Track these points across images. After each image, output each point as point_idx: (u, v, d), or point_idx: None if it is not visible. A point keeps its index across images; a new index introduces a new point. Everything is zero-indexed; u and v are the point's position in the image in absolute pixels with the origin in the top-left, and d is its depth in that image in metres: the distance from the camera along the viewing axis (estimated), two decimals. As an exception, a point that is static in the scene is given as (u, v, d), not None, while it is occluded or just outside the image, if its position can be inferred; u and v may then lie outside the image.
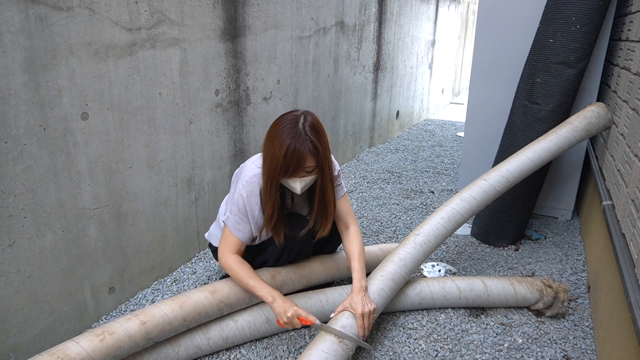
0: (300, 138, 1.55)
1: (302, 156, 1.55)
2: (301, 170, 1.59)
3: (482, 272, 2.32)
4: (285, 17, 2.82)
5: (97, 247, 1.82)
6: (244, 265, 1.69)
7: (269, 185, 1.62)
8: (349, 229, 1.85)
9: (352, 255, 1.79)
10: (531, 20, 2.69)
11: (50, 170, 1.59)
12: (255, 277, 1.67)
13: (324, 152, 1.61)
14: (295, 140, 1.54)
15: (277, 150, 1.55)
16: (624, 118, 2.00)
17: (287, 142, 1.54)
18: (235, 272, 1.68)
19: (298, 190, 1.64)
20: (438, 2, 6.03)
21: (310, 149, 1.56)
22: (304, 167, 1.58)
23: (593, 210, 2.47)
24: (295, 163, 1.56)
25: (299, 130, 1.56)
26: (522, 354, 1.73)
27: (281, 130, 1.57)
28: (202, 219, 2.38)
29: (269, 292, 1.63)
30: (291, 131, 1.56)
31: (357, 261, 1.76)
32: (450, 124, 6.20)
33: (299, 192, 1.65)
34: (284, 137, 1.55)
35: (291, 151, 1.54)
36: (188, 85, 2.14)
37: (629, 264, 1.48)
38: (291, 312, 1.58)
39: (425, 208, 3.13)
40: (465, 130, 3.17)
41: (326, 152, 1.64)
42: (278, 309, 1.60)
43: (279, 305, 1.60)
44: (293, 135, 1.55)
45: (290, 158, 1.55)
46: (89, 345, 1.39)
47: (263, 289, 1.64)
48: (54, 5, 1.53)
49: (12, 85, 1.44)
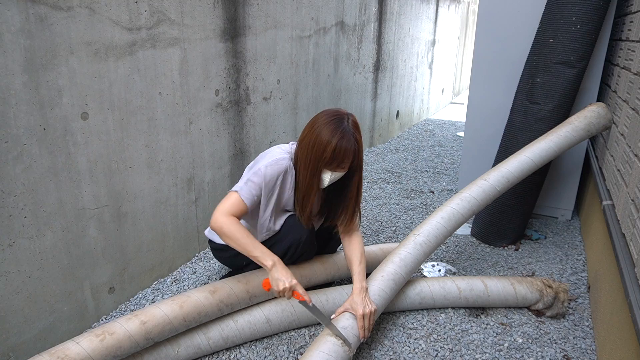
0: (347, 135, 1.63)
1: (348, 152, 1.64)
2: (342, 164, 1.67)
3: (482, 272, 2.32)
4: (285, 17, 2.82)
5: (97, 247, 1.82)
6: (241, 227, 1.60)
7: (312, 173, 1.68)
8: (351, 231, 1.86)
9: (353, 256, 1.79)
10: (531, 20, 2.69)
11: (50, 170, 1.59)
12: (253, 238, 1.61)
13: (361, 152, 1.71)
14: (343, 136, 1.62)
15: (325, 140, 1.62)
16: (624, 118, 2.00)
17: (338, 136, 1.62)
18: (231, 231, 1.58)
19: (325, 183, 1.71)
20: (438, 2, 6.03)
21: (355, 148, 1.66)
22: (346, 162, 1.66)
23: (593, 210, 2.47)
24: (341, 156, 1.63)
25: (346, 127, 1.64)
26: (522, 354, 1.73)
27: (329, 124, 1.64)
28: (202, 218, 2.38)
29: (270, 255, 1.58)
30: (339, 126, 1.63)
31: (358, 262, 1.76)
32: (450, 124, 6.20)
33: (324, 185, 1.71)
34: (334, 130, 1.62)
35: (340, 146, 1.62)
36: (188, 85, 2.14)
37: (629, 264, 1.48)
38: (289, 283, 1.54)
39: (425, 208, 3.13)
40: (465, 130, 3.17)
41: (362, 153, 1.73)
42: (277, 275, 1.55)
43: (279, 272, 1.55)
44: (342, 130, 1.63)
45: (338, 151, 1.62)
46: (89, 345, 1.39)
47: (263, 251, 1.58)
48: (54, 5, 1.52)
49: (12, 85, 1.43)
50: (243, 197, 1.65)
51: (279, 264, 1.58)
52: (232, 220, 1.60)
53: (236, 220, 1.62)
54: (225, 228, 1.58)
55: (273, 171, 1.68)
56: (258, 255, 1.58)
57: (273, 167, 1.68)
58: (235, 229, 1.58)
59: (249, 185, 1.67)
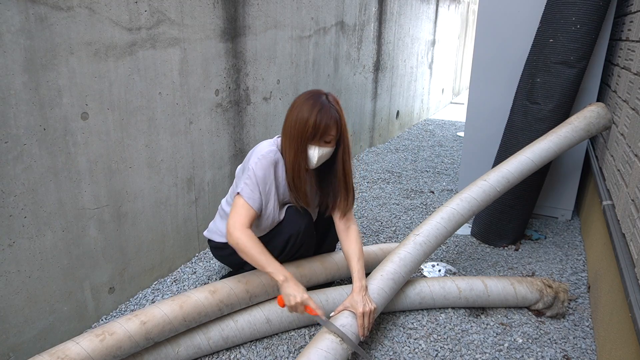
0: (327, 106, 1.68)
1: (329, 123, 1.67)
2: (325, 137, 1.69)
3: (482, 272, 2.32)
4: (285, 17, 2.82)
5: (97, 247, 1.82)
6: (256, 241, 1.65)
7: (298, 151, 1.71)
8: (349, 228, 1.85)
9: (352, 254, 1.79)
10: (531, 20, 2.69)
11: (50, 170, 1.59)
12: (268, 253, 1.64)
13: (344, 124, 1.74)
14: (322, 108, 1.67)
15: (305, 115, 1.67)
16: (624, 118, 2.00)
17: (317, 109, 1.67)
18: (247, 247, 1.62)
19: (314, 160, 1.72)
20: (438, 2, 6.03)
21: (336, 118, 1.70)
22: (328, 134, 1.69)
23: (593, 210, 2.47)
24: (323, 128, 1.67)
25: (324, 101, 1.70)
26: (522, 354, 1.73)
27: (307, 100, 1.70)
28: (202, 218, 2.38)
29: (282, 271, 1.61)
30: (317, 101, 1.69)
31: (357, 261, 1.76)
32: (450, 124, 6.20)
33: (314, 163, 1.72)
34: (312, 105, 1.68)
35: (320, 118, 1.66)
36: (188, 85, 2.14)
37: (629, 264, 1.48)
38: (300, 298, 1.57)
39: (425, 208, 3.13)
40: (465, 130, 3.17)
41: (345, 125, 1.76)
42: (288, 290, 1.58)
43: (290, 287, 1.58)
44: (320, 104, 1.68)
45: (319, 123, 1.66)
46: (89, 345, 1.39)
47: (276, 267, 1.62)
48: (54, 5, 1.53)
49: (12, 85, 1.44)
50: (248, 201, 1.70)
51: (290, 279, 1.60)
52: (247, 235, 1.65)
53: (250, 234, 1.66)
54: (241, 244, 1.63)
55: (263, 166, 1.72)
56: (271, 271, 1.61)
57: (262, 162, 1.72)
58: (251, 245, 1.63)
59: (249, 188, 1.71)
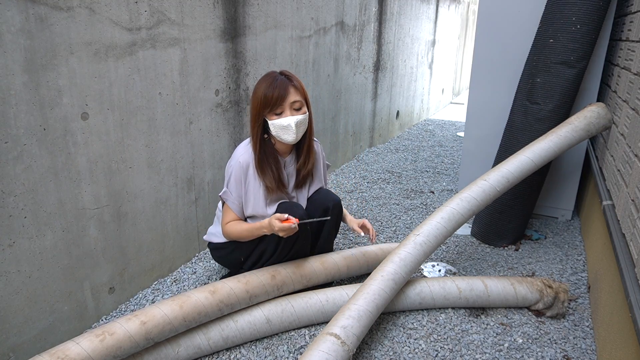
0: (277, 81, 1.79)
1: (281, 94, 1.76)
2: (281, 106, 1.77)
3: (482, 272, 2.32)
4: (285, 17, 2.82)
5: (97, 247, 1.82)
6: (239, 224, 1.88)
7: (255, 123, 1.82)
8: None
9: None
10: (531, 21, 2.69)
11: (50, 170, 1.59)
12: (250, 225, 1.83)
13: (303, 88, 1.84)
14: (272, 82, 1.78)
15: (259, 93, 1.78)
16: (624, 118, 2.00)
17: (267, 83, 1.78)
18: (236, 231, 1.85)
19: (293, 129, 1.80)
20: (438, 2, 6.03)
21: (291, 83, 1.79)
22: (289, 101, 1.77)
23: (593, 210, 2.47)
24: (275, 99, 1.76)
25: (277, 76, 1.81)
26: (522, 354, 1.73)
27: (262, 81, 1.82)
28: (202, 219, 2.38)
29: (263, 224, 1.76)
30: (269, 78, 1.81)
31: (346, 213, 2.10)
32: (450, 124, 6.20)
33: (293, 134, 1.81)
34: (264, 82, 1.80)
35: (269, 90, 1.76)
36: (188, 85, 2.14)
37: (629, 264, 1.48)
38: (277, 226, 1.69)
39: (425, 208, 3.13)
40: (465, 130, 3.17)
41: (304, 90, 1.85)
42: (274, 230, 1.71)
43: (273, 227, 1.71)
44: (272, 79, 1.79)
45: (270, 95, 1.76)
46: (89, 345, 1.39)
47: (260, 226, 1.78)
48: (54, 5, 1.53)
49: (12, 85, 1.44)
50: (230, 205, 1.89)
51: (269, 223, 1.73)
52: (231, 224, 1.89)
53: (234, 223, 1.89)
54: (231, 234, 1.88)
55: (235, 168, 1.86)
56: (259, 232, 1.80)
57: (235, 165, 1.86)
58: (234, 228, 1.87)
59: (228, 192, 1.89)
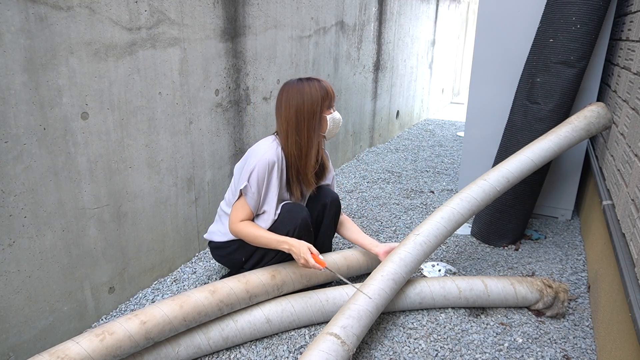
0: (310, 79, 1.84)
1: (329, 86, 1.85)
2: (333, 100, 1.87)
3: (482, 272, 2.32)
4: (285, 17, 2.82)
5: (97, 247, 1.82)
6: (255, 228, 1.83)
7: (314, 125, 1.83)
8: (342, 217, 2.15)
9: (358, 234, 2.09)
10: (531, 20, 2.69)
11: (50, 170, 1.59)
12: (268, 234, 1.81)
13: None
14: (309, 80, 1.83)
15: (313, 90, 1.80)
16: (624, 118, 2.00)
17: (309, 83, 1.81)
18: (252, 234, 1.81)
19: (340, 120, 1.90)
20: (438, 2, 6.03)
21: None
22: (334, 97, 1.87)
23: (593, 210, 2.47)
24: (331, 88, 1.85)
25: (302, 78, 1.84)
26: (522, 354, 1.73)
27: (301, 82, 1.83)
28: (202, 218, 2.38)
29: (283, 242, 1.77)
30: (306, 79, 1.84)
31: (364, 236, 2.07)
32: (450, 123, 6.20)
33: (340, 124, 1.91)
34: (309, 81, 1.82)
35: (320, 84, 1.82)
36: (188, 85, 2.14)
37: (629, 263, 1.48)
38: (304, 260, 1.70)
39: (425, 208, 3.13)
40: (465, 130, 3.17)
41: None
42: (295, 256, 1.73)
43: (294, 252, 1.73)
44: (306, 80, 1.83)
45: (325, 86, 1.83)
46: (89, 345, 1.40)
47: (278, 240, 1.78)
48: (54, 5, 1.52)
49: (12, 84, 1.44)
50: (249, 202, 1.83)
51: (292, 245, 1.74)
52: (246, 225, 1.83)
53: (248, 222, 1.84)
54: (243, 234, 1.83)
55: (262, 166, 1.80)
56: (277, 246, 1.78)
57: (261, 162, 1.80)
58: (249, 230, 1.82)
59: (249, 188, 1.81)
